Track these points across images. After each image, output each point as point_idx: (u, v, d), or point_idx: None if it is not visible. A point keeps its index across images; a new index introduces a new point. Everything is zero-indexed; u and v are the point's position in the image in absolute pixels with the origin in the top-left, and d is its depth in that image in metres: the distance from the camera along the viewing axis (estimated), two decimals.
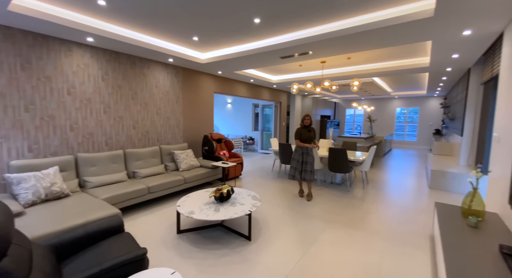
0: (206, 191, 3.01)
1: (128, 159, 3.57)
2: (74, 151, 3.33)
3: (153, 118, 4.36)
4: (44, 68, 3.04)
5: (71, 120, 3.30)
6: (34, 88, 2.97)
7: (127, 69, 3.92)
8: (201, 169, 4.15)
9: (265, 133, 9.14)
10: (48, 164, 2.73)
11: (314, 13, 2.64)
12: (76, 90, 3.34)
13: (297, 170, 3.75)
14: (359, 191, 4.12)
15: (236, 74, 5.59)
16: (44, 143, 3.06)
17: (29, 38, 2.90)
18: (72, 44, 3.26)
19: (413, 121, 11.46)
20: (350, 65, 4.99)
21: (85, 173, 3.06)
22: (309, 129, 3.78)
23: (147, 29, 3.22)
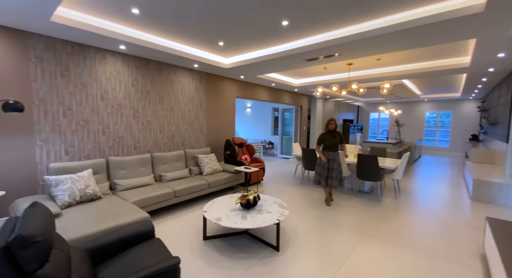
0: (231, 196, 2.96)
1: (155, 162, 3.64)
2: (105, 154, 3.46)
3: (178, 123, 4.44)
4: (81, 75, 3.20)
5: (103, 125, 3.44)
6: (72, 94, 3.13)
7: (155, 75, 4.04)
8: (224, 173, 4.13)
9: (285, 138, 9.01)
10: (82, 166, 2.84)
11: (346, 13, 2.53)
12: (109, 96, 3.49)
13: (322, 176, 3.66)
14: (391, 201, 3.85)
15: (258, 79, 5.57)
16: (79, 146, 3.21)
17: (68, 47, 3.07)
18: (106, 52, 3.42)
19: (445, 126, 10.70)
20: (379, 67, 4.76)
21: (116, 175, 3.15)
22: (333, 135, 3.64)
23: (175, 36, 3.29)
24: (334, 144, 3.61)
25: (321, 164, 3.68)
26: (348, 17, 2.62)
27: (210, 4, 2.36)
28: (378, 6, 2.39)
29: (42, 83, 2.89)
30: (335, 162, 3.61)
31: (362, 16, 2.60)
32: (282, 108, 8.83)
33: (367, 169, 3.79)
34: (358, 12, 2.52)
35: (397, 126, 8.09)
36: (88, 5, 2.43)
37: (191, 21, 2.79)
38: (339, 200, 3.91)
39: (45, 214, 1.24)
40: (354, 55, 3.51)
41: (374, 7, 2.41)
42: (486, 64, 3.97)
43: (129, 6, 2.44)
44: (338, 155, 3.68)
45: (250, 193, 2.62)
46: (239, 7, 2.42)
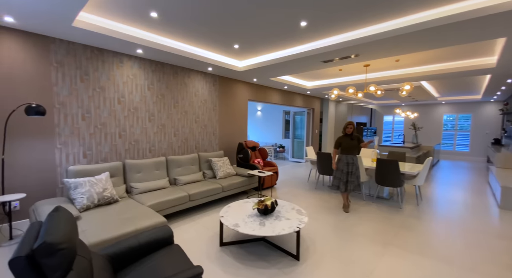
0: (246, 201, 2.89)
1: (169, 165, 3.63)
2: (121, 157, 3.49)
3: (191, 126, 4.44)
4: (99, 79, 3.25)
5: (119, 128, 3.47)
6: (90, 98, 3.18)
7: (170, 79, 4.06)
8: (237, 177, 4.07)
9: (296, 141, 8.89)
10: (100, 169, 2.86)
11: (366, 12, 2.45)
12: (125, 99, 3.52)
13: (341, 181, 3.56)
14: (412, 208, 3.67)
15: (270, 81, 5.52)
16: (96, 149, 3.25)
17: (88, 51, 3.13)
18: (123, 56, 3.46)
19: (463, 129, 10.27)
20: (397, 68, 4.60)
21: (132, 179, 3.16)
22: (352, 138, 3.57)
23: (190, 39, 3.30)
24: (352, 147, 3.53)
25: (339, 168, 3.59)
26: (368, 16, 2.54)
27: (228, 7, 2.34)
28: (400, 5, 2.29)
29: (62, 87, 2.94)
30: (354, 166, 3.53)
31: (382, 15, 2.51)
32: (294, 111, 8.74)
33: (387, 174, 3.64)
34: (378, 12, 2.43)
35: (414, 130, 7.81)
36: (108, 9, 2.46)
37: (207, 24, 2.78)
38: (357, 206, 3.77)
39: (69, 219, 1.22)
40: (373, 56, 3.40)
41: (395, 6, 2.31)
42: None
43: (148, 10, 2.45)
44: (357, 159, 3.59)
45: (267, 198, 2.54)
46: (258, 9, 2.39)
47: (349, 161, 3.54)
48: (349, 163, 3.54)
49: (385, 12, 2.43)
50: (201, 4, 2.30)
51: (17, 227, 2.69)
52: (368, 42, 2.87)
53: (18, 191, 2.68)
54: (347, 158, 3.55)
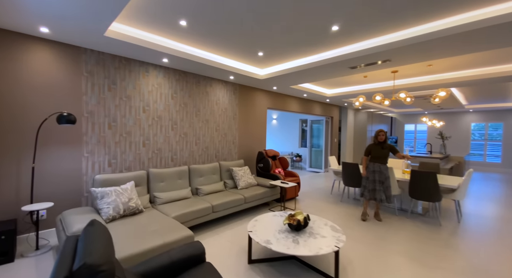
0: (273, 215, 2.74)
1: (192, 175, 3.56)
2: (144, 166, 3.46)
3: (212, 134, 4.39)
4: (126, 88, 3.28)
5: (144, 137, 3.46)
6: (117, 106, 3.20)
7: (192, 88, 4.06)
8: (258, 187, 3.93)
9: (314, 150, 8.65)
10: (125, 178, 2.82)
11: (405, 14, 2.31)
12: (150, 108, 3.53)
13: (366, 188, 3.55)
14: (453, 226, 3.34)
15: (289, 90, 5.43)
16: (121, 158, 3.24)
17: (116, 61, 3.18)
18: (149, 65, 3.50)
19: (493, 139, 9.62)
20: (427, 74, 4.37)
21: (155, 188, 3.10)
22: (383, 146, 3.49)
23: (215, 48, 3.29)
24: (382, 155, 3.47)
25: (367, 175, 3.56)
26: (406, 18, 2.40)
27: (258, 13, 2.29)
28: (442, 6, 2.14)
29: (91, 96, 2.98)
30: (382, 175, 3.45)
31: (424, 17, 2.37)
32: (311, 119, 8.56)
33: (424, 187, 3.37)
34: (418, 12, 2.28)
35: (441, 139, 7.38)
36: (138, 19, 2.49)
37: (235, 32, 2.75)
38: (390, 221, 3.50)
39: (105, 235, 1.13)
40: (406, 61, 3.22)
41: (436, 7, 2.17)
42: None
43: (177, 19, 2.45)
44: (386, 168, 3.48)
45: (297, 212, 2.38)
46: (289, 13, 2.32)
47: (375, 169, 3.48)
48: (375, 171, 3.47)
49: (425, 13, 2.29)
50: (230, 9, 2.27)
51: (43, 236, 2.67)
52: (402, 46, 2.72)
53: (45, 200, 2.68)
54: (374, 166, 3.50)
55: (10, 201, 2.48)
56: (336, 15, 2.33)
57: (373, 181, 3.47)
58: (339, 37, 2.85)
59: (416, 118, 11.57)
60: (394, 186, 3.69)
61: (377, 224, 3.38)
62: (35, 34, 2.57)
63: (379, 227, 3.28)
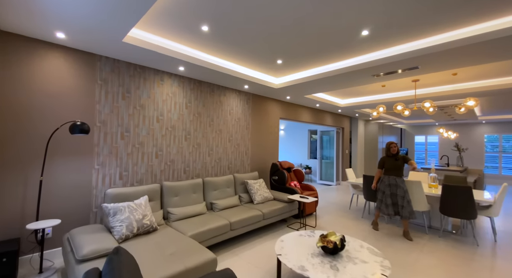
0: (299, 234, 2.49)
1: (206, 188, 3.35)
2: (156, 179, 3.26)
3: (225, 145, 4.21)
4: (140, 97, 3.14)
5: (157, 148, 3.29)
6: (130, 116, 3.05)
7: (206, 97, 3.93)
8: (276, 202, 3.69)
9: (324, 162, 8.40)
10: (138, 193, 2.62)
11: (442, 17, 2.17)
12: (164, 117, 3.38)
13: (383, 203, 3.46)
14: (491, 246, 3.05)
15: (302, 100, 5.30)
16: (132, 170, 3.04)
17: (131, 69, 3.06)
18: (164, 74, 3.38)
19: (506, 151, 9.32)
20: (449, 84, 4.21)
21: (169, 203, 2.88)
22: (396, 158, 3.47)
23: (233, 56, 3.18)
24: (396, 168, 3.43)
25: (381, 189, 3.52)
26: (449, 20, 2.26)
27: (283, 19, 2.17)
28: (488, 8, 2.01)
29: (105, 105, 2.84)
30: (400, 189, 3.36)
31: (466, 20, 2.23)
32: (320, 130, 8.38)
33: (458, 203, 3.11)
34: (460, 15, 2.15)
35: (458, 151, 7.13)
36: (157, 24, 2.38)
37: (255, 39, 2.63)
38: (421, 241, 3.21)
39: (132, 267, 0.92)
40: (435, 68, 3.05)
41: (485, 8, 2.03)
42: None
43: (199, 24, 2.34)
44: (403, 181, 3.41)
45: (330, 233, 2.14)
46: (315, 18, 2.20)
47: (391, 182, 3.43)
48: (391, 184, 3.43)
49: (475, 14, 2.15)
50: (254, 15, 2.15)
51: (48, 257, 2.44)
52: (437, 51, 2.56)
53: (52, 216, 2.47)
54: (390, 179, 3.45)
55: (15, 218, 2.28)
56: (367, 19, 2.20)
57: (390, 194, 3.41)
58: (368, 43, 2.71)
59: (426, 130, 11.35)
60: (423, 202, 3.44)
61: (408, 243, 3.10)
62: (50, 40, 2.47)
63: (411, 247, 3.00)
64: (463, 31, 2.39)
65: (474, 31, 2.32)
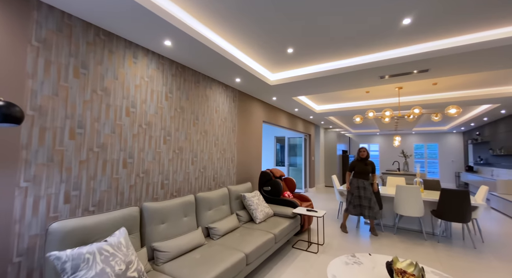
0: (345, 262, 1.96)
1: (199, 208, 2.49)
2: (123, 199, 2.22)
3: (211, 150, 3.38)
4: (103, 77, 2.11)
5: (125, 152, 2.26)
6: (87, 104, 1.99)
7: (191, 88, 3.08)
8: (278, 219, 3.08)
9: (292, 169, 8.24)
10: (107, 224, 1.62)
11: None
12: (136, 110, 2.39)
13: (351, 204, 3.67)
14: (487, 247, 3.19)
15: (286, 102, 4.94)
16: (87, 187, 1.96)
17: (91, 33, 2.03)
18: (138, 49, 2.42)
19: (430, 157, 11.22)
20: (430, 93, 4.51)
21: (154, 235, 1.93)
22: (365, 163, 3.71)
23: (233, 34, 2.52)
24: (365, 172, 3.66)
25: (350, 191, 3.71)
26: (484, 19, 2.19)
27: None
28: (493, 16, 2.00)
29: (43, 83, 1.74)
30: (367, 191, 3.59)
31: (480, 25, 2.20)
32: (288, 136, 8.22)
33: (456, 207, 3.16)
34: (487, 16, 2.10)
35: (404, 157, 8.02)
36: None
37: (268, 20, 2.07)
38: (422, 248, 3.13)
39: None
40: (446, 73, 3.06)
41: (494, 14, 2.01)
42: None
43: None
44: (369, 184, 3.64)
45: (395, 259, 1.69)
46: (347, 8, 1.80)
47: (360, 185, 3.64)
48: (360, 187, 3.63)
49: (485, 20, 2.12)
50: None
51: None
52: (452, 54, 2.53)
53: None
54: (358, 181, 3.66)
55: None
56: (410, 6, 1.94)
57: (358, 196, 3.61)
58: (400, 36, 2.47)
59: (368, 139, 12.71)
60: (420, 207, 3.42)
61: (426, 254, 2.96)
62: None
63: (428, 255, 2.85)
64: (484, 34, 2.39)
65: (495, 35, 2.34)
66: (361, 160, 3.73)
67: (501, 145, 6.29)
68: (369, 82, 3.47)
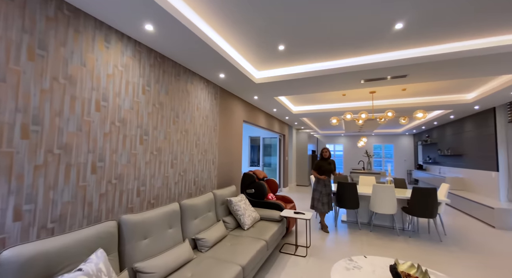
0: (345, 267, 1.91)
1: (185, 217, 2.21)
2: (92, 210, 1.84)
3: (192, 151, 3.09)
4: (67, 62, 1.72)
5: (94, 155, 1.88)
6: (45, 94, 1.58)
7: (171, 82, 2.75)
8: (266, 223, 2.96)
9: (266, 170, 8.22)
10: (77, 245, 1.28)
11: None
12: (109, 104, 2.01)
13: (320, 201, 3.87)
14: (449, 240, 3.51)
15: (266, 102, 4.85)
16: (45, 199, 1.56)
17: (51, 6, 1.63)
18: (111, 31, 2.05)
19: (386, 157, 12.34)
20: (400, 98, 4.84)
21: (135, 253, 1.62)
22: (329, 162, 3.98)
23: (223, 24, 2.31)
24: (329, 170, 3.93)
25: (318, 189, 3.92)
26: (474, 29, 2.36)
27: None
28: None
29: None
30: (328, 188, 3.91)
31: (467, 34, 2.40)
32: (263, 136, 8.18)
33: (426, 204, 3.42)
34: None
35: (367, 157, 8.62)
36: None
37: (261, 11, 1.94)
38: (398, 244, 3.32)
39: None
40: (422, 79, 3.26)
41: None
42: (485, 102, 4.52)
43: None
44: (329, 181, 3.98)
45: (406, 264, 1.70)
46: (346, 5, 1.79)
47: (326, 183, 3.92)
48: (326, 185, 3.92)
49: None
50: None
51: None
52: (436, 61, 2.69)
53: None
54: (324, 180, 3.91)
55: None
56: (402, 11, 1.99)
57: (324, 194, 3.88)
58: (391, 41, 2.54)
59: (334, 139, 13.43)
60: (394, 205, 3.64)
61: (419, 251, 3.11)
62: None
63: (405, 252, 3.02)
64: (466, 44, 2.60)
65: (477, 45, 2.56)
66: (325, 160, 3.98)
67: (448, 146, 7.15)
68: (352, 85, 3.55)
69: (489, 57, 2.55)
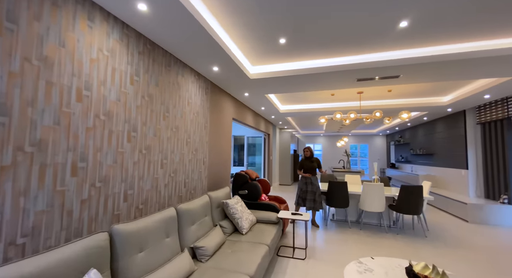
0: (357, 270, 1.84)
1: (181, 223, 1.97)
2: (72, 220, 1.54)
3: (182, 150, 2.83)
4: (42, 40, 1.40)
5: (75, 153, 1.58)
6: (14, 78, 1.27)
7: (161, 72, 2.48)
8: (263, 226, 2.82)
9: (251, 169, 8.07)
10: (63, 267, 1.02)
11: None
12: (92, 94, 1.71)
13: (300, 198, 4.07)
14: (433, 236, 3.68)
15: (255, 100, 4.71)
16: (14, 207, 1.25)
17: None
18: (95, 9, 1.76)
19: (362, 156, 12.95)
20: (386, 98, 4.99)
21: (131, 270, 1.37)
22: (311, 161, 4.12)
23: (222, 14, 2.13)
24: (312, 168, 4.06)
25: (300, 187, 4.09)
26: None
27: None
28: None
29: None
30: (314, 186, 3.99)
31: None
32: (247, 136, 8.02)
33: (412, 201, 3.55)
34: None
35: (347, 157, 8.91)
36: None
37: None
38: (388, 241, 3.40)
39: None
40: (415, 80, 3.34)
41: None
42: (461, 104, 4.84)
43: None
44: (316, 179, 4.08)
45: (419, 265, 1.67)
46: None
47: (307, 181, 4.02)
48: (307, 183, 4.02)
49: None
50: None
51: None
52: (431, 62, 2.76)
53: None
54: (306, 178, 4.04)
55: None
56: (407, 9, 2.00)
57: (306, 191, 3.99)
58: (387, 40, 2.54)
59: (313, 139, 13.74)
60: (382, 203, 3.73)
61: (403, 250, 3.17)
62: None
63: (396, 250, 3.08)
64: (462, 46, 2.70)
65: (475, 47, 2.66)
66: (308, 158, 4.13)
67: (420, 146, 7.64)
68: (347, 84, 3.55)
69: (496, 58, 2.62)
